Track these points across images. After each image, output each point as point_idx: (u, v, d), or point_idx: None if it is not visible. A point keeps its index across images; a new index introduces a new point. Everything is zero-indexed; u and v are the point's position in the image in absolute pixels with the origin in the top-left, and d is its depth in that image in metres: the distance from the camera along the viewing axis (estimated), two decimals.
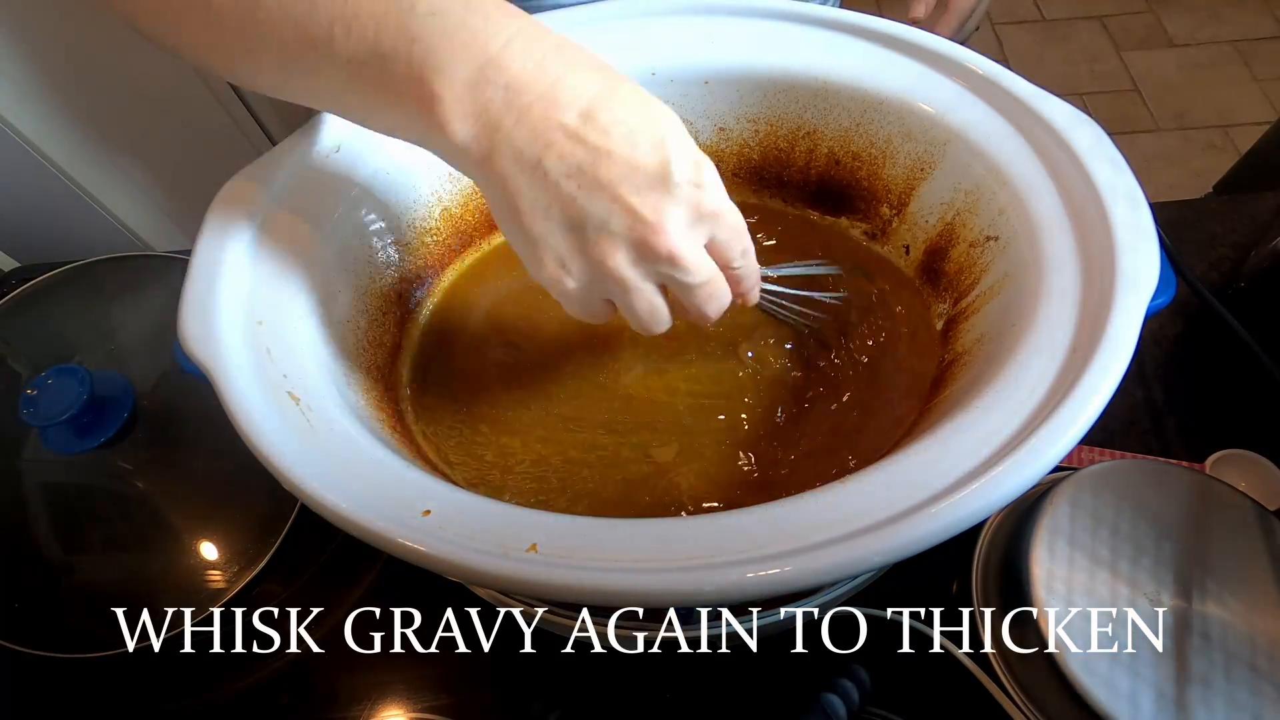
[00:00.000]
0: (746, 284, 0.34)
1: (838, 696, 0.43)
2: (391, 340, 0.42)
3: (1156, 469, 0.45)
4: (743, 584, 0.25)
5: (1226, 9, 1.86)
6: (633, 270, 0.29)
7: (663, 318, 0.32)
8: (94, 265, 0.60)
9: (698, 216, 0.29)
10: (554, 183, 0.27)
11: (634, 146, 0.27)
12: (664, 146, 0.28)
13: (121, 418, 0.50)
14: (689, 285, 0.30)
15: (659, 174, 0.27)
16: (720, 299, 0.32)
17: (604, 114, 0.27)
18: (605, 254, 0.28)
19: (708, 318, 0.32)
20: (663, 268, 0.29)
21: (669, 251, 0.28)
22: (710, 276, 0.31)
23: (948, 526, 0.25)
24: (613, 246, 0.28)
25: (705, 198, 0.29)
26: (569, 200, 0.27)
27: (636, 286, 0.30)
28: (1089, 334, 0.30)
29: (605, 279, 0.29)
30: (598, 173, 0.27)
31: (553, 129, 0.27)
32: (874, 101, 0.41)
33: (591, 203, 0.27)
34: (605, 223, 0.28)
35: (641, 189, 0.27)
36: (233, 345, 0.32)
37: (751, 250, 0.33)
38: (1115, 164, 0.34)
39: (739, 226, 0.31)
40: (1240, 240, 0.61)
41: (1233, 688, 0.38)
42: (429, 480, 0.29)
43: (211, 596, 0.49)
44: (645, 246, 0.28)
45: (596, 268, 0.29)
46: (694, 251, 0.29)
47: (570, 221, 0.28)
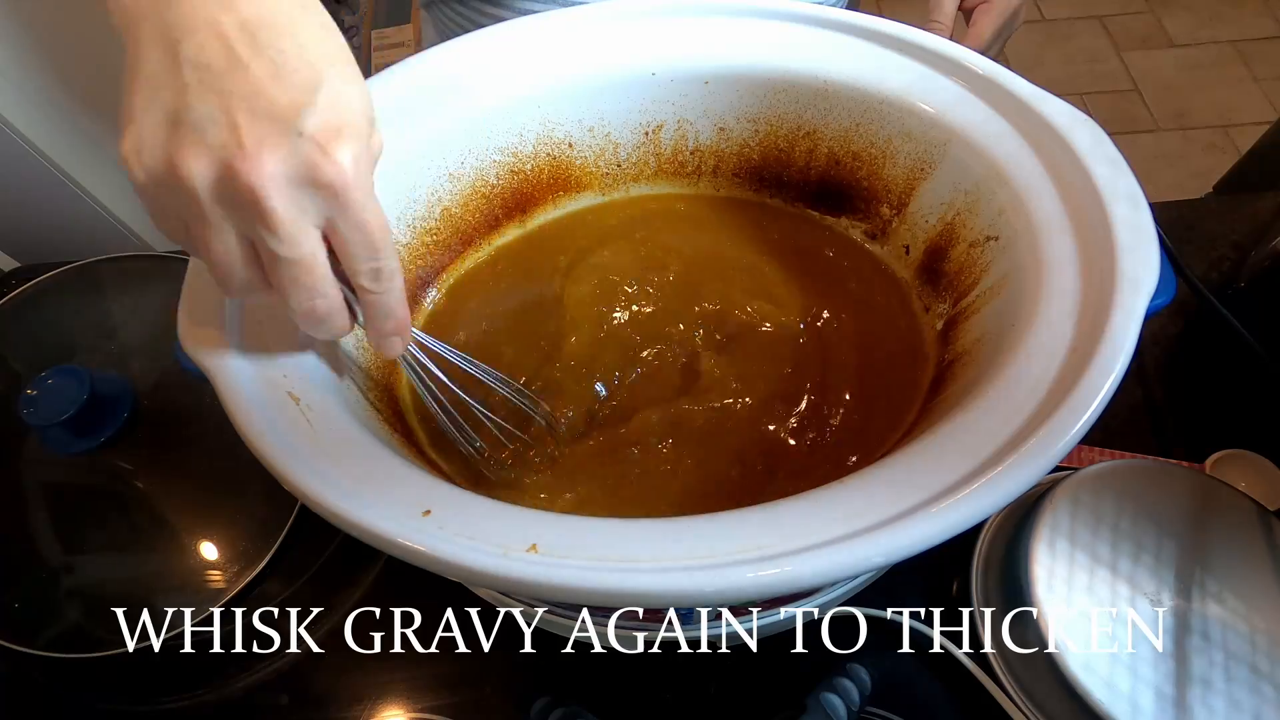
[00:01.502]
0: (381, 322, 0.30)
1: (838, 696, 0.43)
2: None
3: (1156, 469, 0.45)
4: (743, 584, 0.25)
5: (1226, 9, 1.86)
6: (210, 196, 0.25)
7: (238, 276, 0.27)
8: (94, 265, 0.60)
9: (309, 179, 0.25)
10: (178, 67, 0.24)
11: (276, 77, 0.25)
12: (311, 94, 0.25)
13: (121, 418, 0.50)
14: (274, 254, 0.26)
15: (285, 112, 0.25)
16: (312, 293, 0.27)
17: (267, 35, 0.25)
18: (185, 158, 0.25)
19: (295, 313, 0.28)
20: (247, 212, 0.25)
21: (250, 188, 0.25)
22: (302, 255, 0.26)
23: (948, 526, 0.25)
24: (196, 154, 0.25)
25: (324, 165, 0.25)
26: (182, 88, 0.25)
27: (211, 221, 0.26)
28: (1089, 334, 0.30)
29: (176, 186, 0.25)
30: (224, 79, 0.24)
31: (206, 20, 0.25)
32: (874, 101, 0.41)
33: (201, 102, 0.24)
34: (203, 127, 0.24)
35: (258, 116, 0.24)
36: (232, 345, 0.32)
37: (393, 277, 0.29)
38: (1115, 164, 0.34)
39: (372, 234, 0.27)
40: (1240, 240, 0.61)
41: (1233, 688, 0.38)
42: (429, 480, 0.29)
43: (211, 596, 0.49)
44: (230, 171, 0.25)
45: (170, 168, 0.25)
46: (289, 211, 0.25)
47: (171, 110, 0.25)
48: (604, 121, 0.45)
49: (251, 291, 0.28)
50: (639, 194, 0.48)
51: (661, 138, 0.46)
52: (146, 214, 0.27)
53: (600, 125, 0.45)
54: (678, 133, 0.46)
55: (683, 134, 0.46)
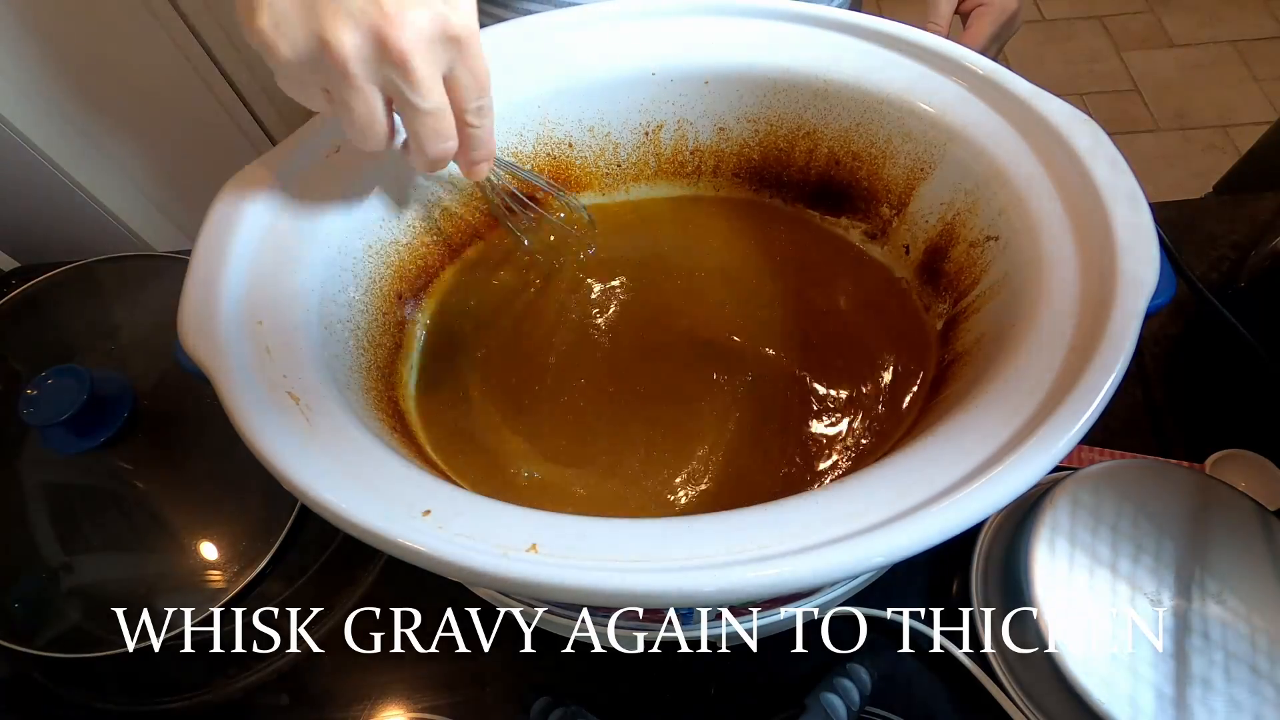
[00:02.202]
0: (477, 151, 0.32)
1: (838, 696, 0.43)
2: (391, 340, 0.42)
3: (1156, 469, 0.45)
4: (743, 584, 0.25)
5: (1226, 9, 1.86)
6: (359, 61, 0.26)
7: (379, 131, 0.29)
8: (94, 265, 0.60)
9: (442, 33, 0.27)
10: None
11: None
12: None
13: (121, 418, 0.50)
14: (414, 106, 0.28)
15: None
16: (443, 141, 0.30)
17: None
18: (332, 29, 0.25)
19: (425, 157, 0.31)
20: (392, 71, 0.27)
21: (401, 49, 0.26)
22: (438, 107, 0.29)
23: (948, 526, 0.25)
24: (343, 24, 0.25)
25: (455, 18, 0.27)
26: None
27: (357, 84, 0.27)
28: (1089, 334, 0.29)
29: (325, 59, 0.26)
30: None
31: None
32: (874, 101, 0.41)
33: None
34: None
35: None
36: (232, 345, 0.32)
37: (490, 113, 0.32)
38: (1115, 164, 0.34)
39: (482, 78, 0.30)
40: (1240, 240, 0.61)
41: (1233, 688, 0.38)
42: (429, 480, 0.29)
43: (211, 596, 0.49)
44: (378, 36, 0.26)
45: (318, 42, 0.26)
46: (428, 68, 0.27)
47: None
48: (604, 121, 0.45)
49: (389, 140, 0.30)
50: (639, 194, 0.48)
51: (661, 138, 0.46)
52: (277, 80, 0.28)
53: (600, 125, 0.45)
54: (678, 133, 0.46)
55: (683, 134, 0.46)
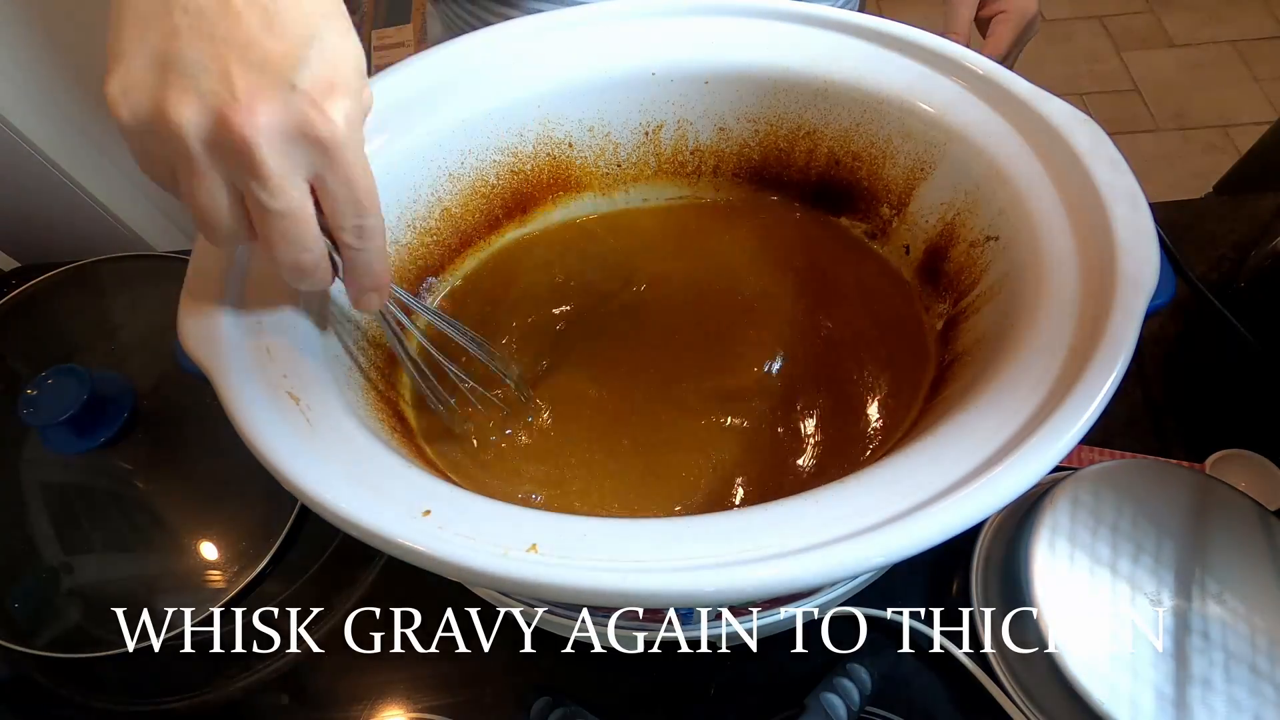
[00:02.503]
0: (361, 277, 0.30)
1: (838, 696, 0.43)
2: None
3: (1156, 469, 0.45)
4: (743, 584, 0.25)
5: (1226, 9, 1.86)
6: (200, 145, 0.25)
7: (225, 225, 0.27)
8: (94, 265, 0.60)
9: (300, 133, 0.25)
10: (169, 8, 0.24)
11: (269, 26, 0.24)
12: (304, 48, 0.25)
13: (121, 418, 0.50)
14: (262, 205, 0.26)
15: (279, 64, 0.24)
16: (298, 246, 0.27)
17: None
18: (174, 104, 0.24)
19: (281, 265, 0.28)
20: (237, 162, 0.25)
21: (243, 139, 0.24)
22: (291, 208, 0.26)
23: (948, 526, 0.25)
24: (187, 100, 0.24)
25: (318, 120, 0.25)
26: (173, 31, 0.24)
27: (198, 169, 0.25)
28: (1089, 334, 0.29)
29: (165, 135, 0.25)
30: (216, 26, 0.24)
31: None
32: (874, 101, 0.41)
33: (193, 47, 0.24)
34: (195, 74, 0.24)
35: (251, 66, 0.24)
36: (232, 345, 0.32)
37: (375, 235, 0.29)
38: (1115, 164, 0.34)
39: (358, 191, 0.27)
40: (1240, 240, 0.61)
41: (1233, 688, 0.38)
42: (429, 480, 0.29)
43: (211, 596, 0.49)
44: (222, 121, 0.24)
45: (159, 112, 0.25)
46: (279, 164, 0.25)
47: (161, 53, 0.24)
48: (604, 121, 0.45)
49: (237, 240, 0.28)
50: (639, 194, 0.48)
51: (661, 138, 0.46)
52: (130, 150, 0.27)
53: (600, 125, 0.45)
54: (678, 133, 0.46)
55: (683, 134, 0.46)
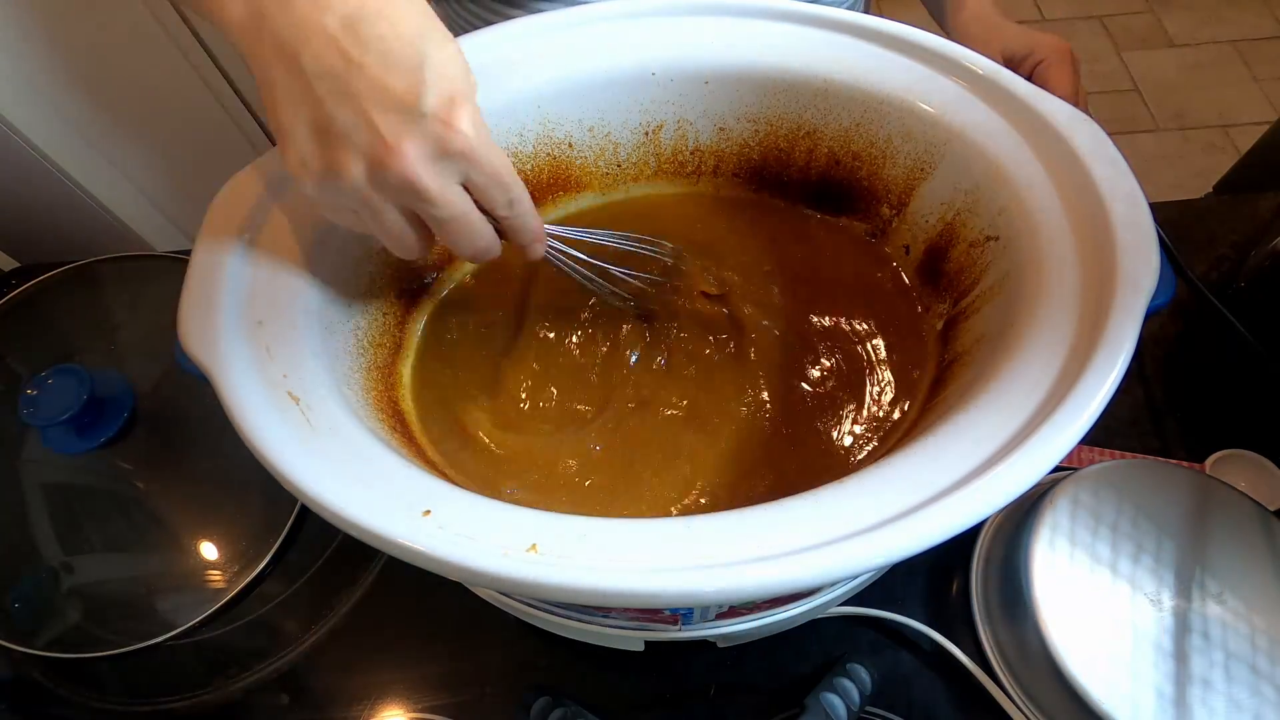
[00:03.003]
0: (521, 236, 0.34)
1: (838, 696, 0.43)
2: (391, 340, 0.42)
3: (1156, 469, 0.45)
4: (743, 584, 0.25)
5: (1226, 9, 1.86)
6: (371, 189, 0.29)
7: (410, 244, 0.32)
8: (94, 265, 0.60)
9: (443, 152, 0.29)
10: (307, 81, 0.27)
11: (387, 66, 0.27)
12: (419, 73, 0.28)
13: (121, 418, 0.50)
14: (434, 218, 0.30)
15: (405, 99, 0.28)
16: (471, 240, 0.32)
17: (367, 26, 0.27)
18: (343, 164, 0.28)
19: (464, 255, 0.33)
20: (403, 193, 0.29)
21: (403, 176, 0.28)
22: (458, 213, 0.31)
23: (948, 526, 0.25)
24: (351, 158, 0.28)
25: (452, 137, 0.29)
26: (318, 101, 0.28)
27: (375, 204, 0.30)
28: (1089, 334, 0.29)
29: (343, 188, 0.29)
30: (349, 82, 0.27)
31: (314, 27, 0.27)
32: (874, 101, 0.41)
33: (339, 110, 0.27)
34: (348, 134, 0.28)
35: (387, 109, 0.28)
36: (233, 345, 0.32)
37: (522, 200, 0.33)
38: (1115, 164, 0.34)
39: (501, 175, 0.31)
40: (1240, 240, 0.61)
41: (1233, 688, 0.38)
42: (429, 480, 0.29)
43: (211, 596, 0.49)
44: (381, 167, 0.28)
45: (334, 174, 0.29)
46: (437, 183, 0.29)
47: (316, 122, 0.28)
48: (604, 121, 0.45)
49: (427, 249, 0.33)
50: (639, 194, 0.48)
51: (661, 138, 0.46)
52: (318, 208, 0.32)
53: (600, 125, 0.45)
54: (678, 133, 0.46)
55: (683, 134, 0.46)
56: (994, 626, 0.45)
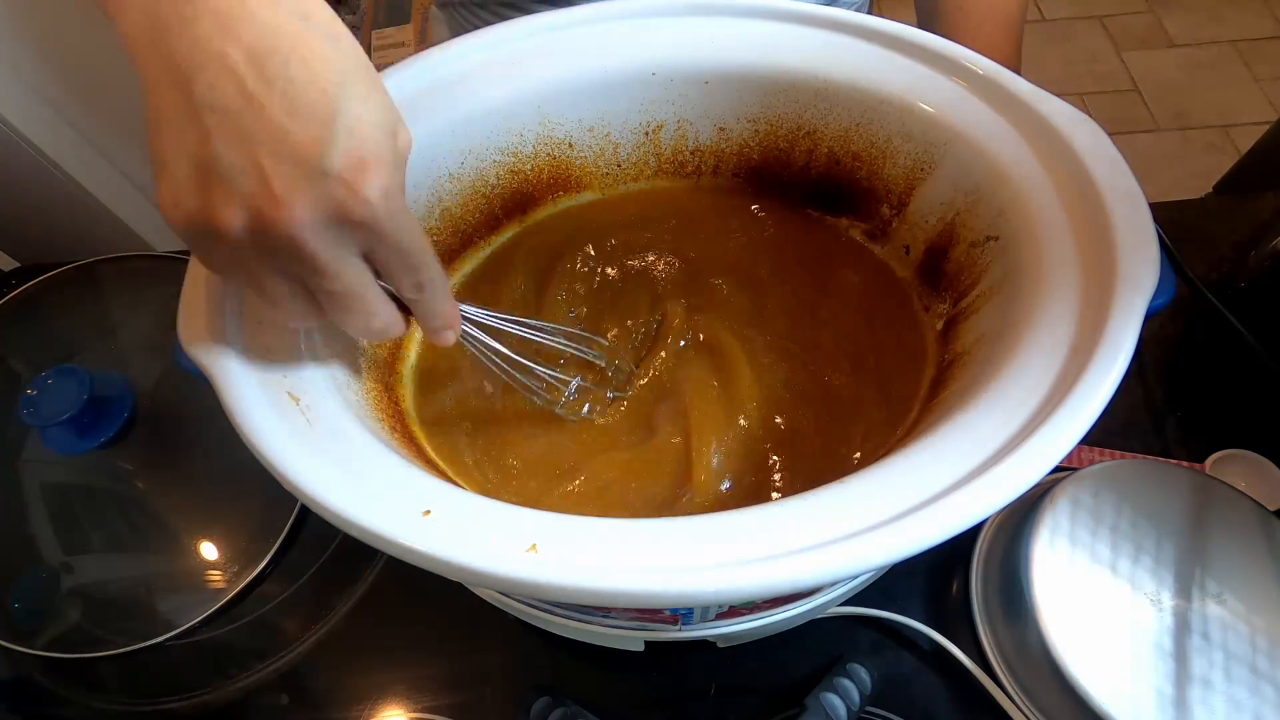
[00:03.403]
0: (432, 321, 0.31)
1: (838, 696, 0.43)
2: (392, 340, 0.42)
3: (1156, 469, 0.45)
4: (743, 584, 0.25)
5: (1226, 9, 1.86)
6: (250, 246, 0.25)
7: (293, 311, 0.28)
8: (94, 265, 0.60)
9: (341, 218, 0.25)
10: (196, 109, 0.24)
11: (292, 112, 0.24)
12: (329, 125, 0.24)
13: (121, 418, 0.50)
14: (323, 290, 0.27)
15: (306, 152, 0.24)
16: (366, 319, 0.29)
17: (276, 64, 0.24)
18: (220, 208, 0.25)
19: (354, 332, 0.29)
20: (286, 258, 0.26)
21: (289, 235, 0.25)
22: (346, 288, 0.27)
23: (948, 526, 0.25)
24: (230, 204, 0.25)
25: (355, 205, 0.25)
26: (205, 135, 0.24)
27: (252, 266, 0.26)
28: (1089, 334, 0.29)
29: (217, 240, 0.25)
30: (243, 122, 0.24)
31: (213, 53, 0.24)
32: (874, 101, 0.41)
33: (226, 149, 0.24)
34: (231, 177, 0.24)
35: (282, 159, 0.24)
36: (233, 345, 0.32)
37: (433, 282, 0.30)
38: (1115, 164, 0.34)
39: (410, 253, 0.28)
40: (1240, 240, 0.61)
41: (1233, 688, 0.38)
42: (429, 480, 0.29)
43: (211, 596, 0.49)
44: (263, 220, 0.25)
45: (208, 221, 0.25)
46: (328, 252, 0.26)
47: (198, 158, 0.24)
48: (604, 121, 0.45)
49: (310, 322, 0.29)
50: (639, 194, 0.48)
51: (661, 138, 0.46)
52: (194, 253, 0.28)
53: (600, 125, 0.45)
54: (678, 133, 0.46)
55: (683, 134, 0.46)
56: (994, 626, 0.45)
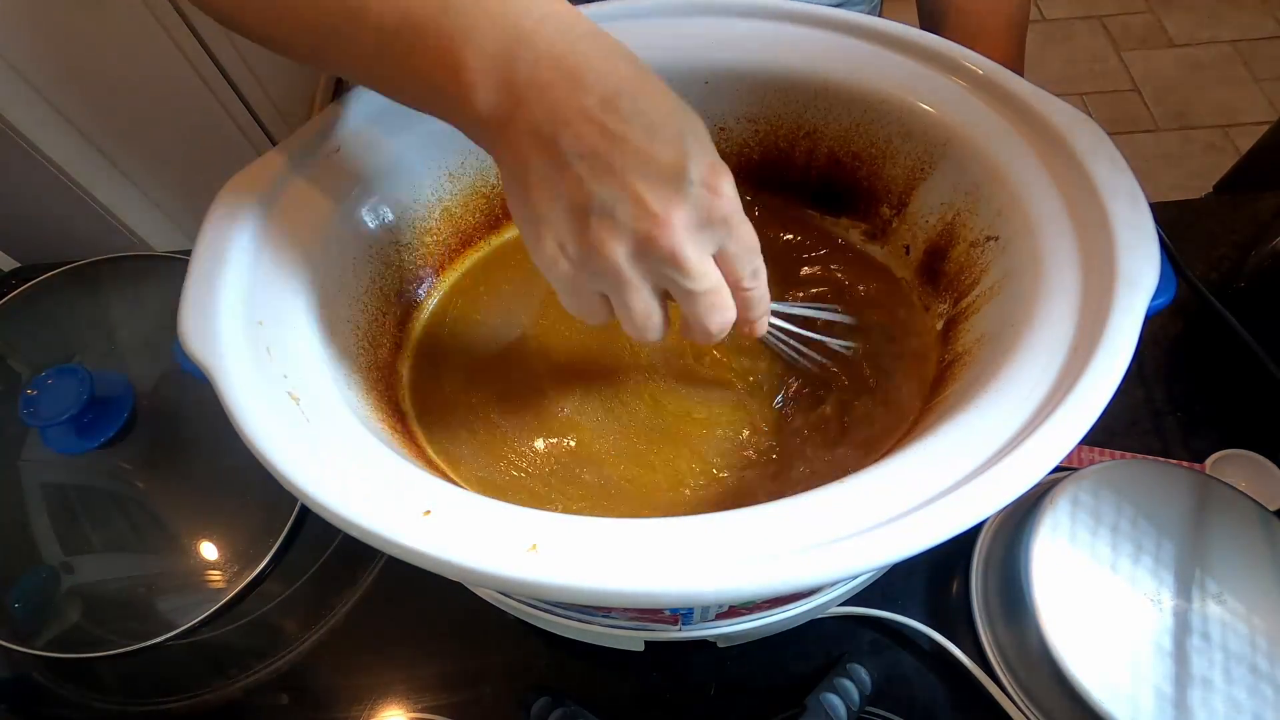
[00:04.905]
0: (755, 310, 0.33)
1: (838, 696, 0.43)
2: (391, 340, 0.42)
3: (1156, 469, 0.45)
4: (743, 584, 0.25)
5: (1226, 9, 1.86)
6: (631, 265, 0.28)
7: (656, 323, 0.31)
8: (94, 265, 0.60)
9: (707, 220, 0.28)
10: (566, 162, 0.27)
11: (651, 138, 0.27)
12: (682, 143, 0.27)
13: (121, 418, 0.50)
14: (690, 291, 0.29)
15: (673, 169, 0.27)
16: (723, 313, 0.31)
17: (626, 102, 0.27)
18: (605, 241, 0.28)
19: (708, 332, 0.31)
20: (664, 268, 0.28)
21: (670, 248, 0.28)
22: (713, 286, 0.30)
23: (948, 526, 0.25)
24: (614, 235, 0.28)
25: (718, 203, 0.28)
26: (578, 182, 0.27)
27: (633, 283, 0.29)
28: (1089, 334, 0.29)
29: (602, 268, 0.28)
30: (611, 159, 0.27)
31: (573, 110, 0.27)
32: (874, 101, 0.41)
33: (601, 187, 0.27)
34: (611, 210, 0.27)
35: (653, 181, 0.27)
36: (233, 345, 0.32)
37: (763, 273, 0.32)
38: (1115, 164, 0.34)
39: (752, 244, 0.31)
40: (1240, 240, 0.61)
41: (1233, 688, 0.38)
42: (429, 480, 0.29)
43: (211, 596, 0.49)
44: (648, 240, 0.27)
45: (595, 255, 0.28)
46: (698, 255, 0.29)
47: (576, 203, 0.27)
48: None
49: (664, 332, 0.31)
50: None
51: None
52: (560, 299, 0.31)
53: None
54: None
55: None
56: (994, 626, 0.45)
